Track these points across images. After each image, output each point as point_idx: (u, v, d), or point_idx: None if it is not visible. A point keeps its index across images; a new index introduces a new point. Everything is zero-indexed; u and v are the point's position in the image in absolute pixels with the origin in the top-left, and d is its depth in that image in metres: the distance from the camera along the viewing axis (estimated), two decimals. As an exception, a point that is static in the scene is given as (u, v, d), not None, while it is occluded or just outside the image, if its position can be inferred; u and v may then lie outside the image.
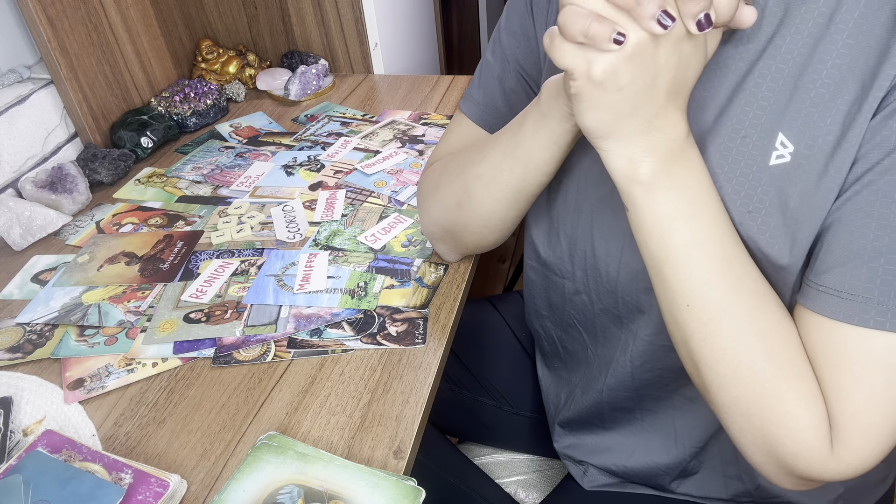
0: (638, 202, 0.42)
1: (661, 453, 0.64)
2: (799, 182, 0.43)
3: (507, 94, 0.62)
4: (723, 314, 0.42)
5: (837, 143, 0.41)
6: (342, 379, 0.61)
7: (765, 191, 0.44)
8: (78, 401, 0.61)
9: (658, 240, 0.43)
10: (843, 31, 0.41)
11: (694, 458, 0.62)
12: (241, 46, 1.27)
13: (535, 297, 0.70)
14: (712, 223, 0.42)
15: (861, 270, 0.40)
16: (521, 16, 0.59)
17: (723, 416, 0.45)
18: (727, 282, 0.42)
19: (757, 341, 0.42)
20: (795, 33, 0.43)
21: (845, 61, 0.41)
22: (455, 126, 0.66)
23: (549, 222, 0.61)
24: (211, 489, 0.53)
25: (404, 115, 1.09)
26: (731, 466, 0.61)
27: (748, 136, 0.44)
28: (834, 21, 0.41)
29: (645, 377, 0.59)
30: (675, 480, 0.65)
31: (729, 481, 0.62)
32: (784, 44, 0.43)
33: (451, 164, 0.61)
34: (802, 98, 0.42)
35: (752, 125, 0.44)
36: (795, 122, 0.43)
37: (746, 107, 0.45)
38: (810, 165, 0.42)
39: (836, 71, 0.41)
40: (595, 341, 0.63)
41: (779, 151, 0.43)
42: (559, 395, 0.73)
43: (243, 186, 0.93)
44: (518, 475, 0.83)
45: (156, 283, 0.75)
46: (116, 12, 1.04)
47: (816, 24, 0.42)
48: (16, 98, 0.92)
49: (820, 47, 0.42)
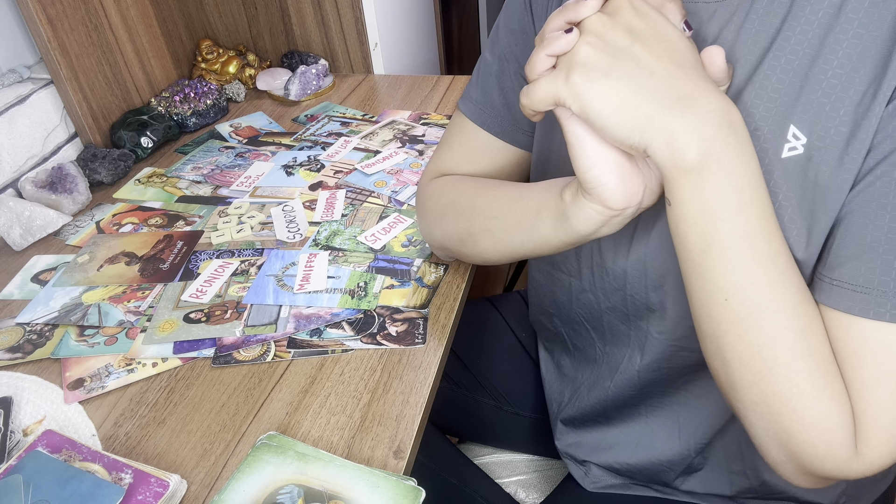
0: (685, 193, 0.40)
1: (666, 449, 0.63)
2: (813, 174, 0.42)
3: (505, 92, 0.62)
4: (764, 309, 0.40)
5: (851, 134, 0.41)
6: (342, 379, 0.61)
7: (777, 184, 0.44)
8: (78, 401, 0.61)
9: (702, 231, 0.40)
10: (854, 20, 0.41)
11: (699, 454, 0.62)
12: (241, 46, 1.27)
13: (540, 296, 0.70)
14: (760, 214, 0.40)
15: (876, 263, 0.40)
16: (519, 14, 0.59)
17: (748, 414, 0.44)
18: (770, 276, 0.40)
19: (797, 338, 0.41)
20: (805, 24, 0.42)
21: (856, 51, 0.41)
22: (454, 126, 0.66)
23: None
24: (211, 489, 0.53)
25: (404, 115, 1.09)
26: (736, 462, 0.61)
27: (759, 128, 0.44)
28: (844, 11, 0.41)
29: (651, 375, 0.59)
30: (679, 477, 0.65)
31: (734, 477, 0.62)
32: (793, 35, 0.43)
33: (459, 200, 0.60)
34: (814, 89, 0.42)
35: (762, 118, 0.44)
36: (807, 113, 0.42)
37: (757, 100, 0.44)
38: (823, 157, 0.42)
39: (846, 61, 0.41)
40: (603, 339, 0.63)
41: (791, 144, 0.43)
42: (563, 392, 0.73)
43: (243, 186, 0.93)
44: (518, 475, 0.83)
45: (156, 283, 0.75)
46: (116, 12, 1.04)
47: (826, 15, 0.42)
48: (16, 98, 0.92)
49: (830, 38, 0.41)
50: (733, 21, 0.45)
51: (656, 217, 0.50)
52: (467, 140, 0.65)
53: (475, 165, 0.65)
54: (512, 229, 0.54)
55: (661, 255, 0.51)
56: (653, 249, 0.52)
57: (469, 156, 0.65)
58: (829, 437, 0.40)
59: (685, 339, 0.54)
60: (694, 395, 0.58)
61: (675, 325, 0.54)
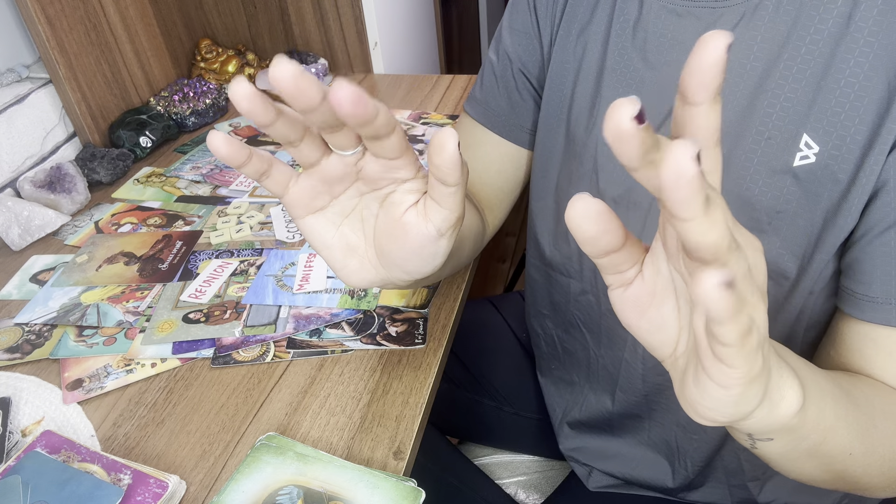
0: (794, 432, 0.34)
1: (666, 474, 0.64)
2: (828, 182, 0.43)
3: (509, 92, 0.62)
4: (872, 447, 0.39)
5: (869, 143, 0.41)
6: (342, 379, 0.61)
7: (790, 191, 0.44)
8: (77, 401, 0.61)
9: (816, 440, 0.36)
10: (864, 29, 0.41)
11: (698, 475, 0.63)
12: (241, 46, 1.27)
13: (536, 297, 0.69)
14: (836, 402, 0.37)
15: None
16: (523, 14, 0.59)
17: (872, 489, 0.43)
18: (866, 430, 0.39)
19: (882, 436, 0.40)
20: (815, 34, 0.43)
21: (868, 60, 0.41)
22: (460, 127, 0.66)
23: (556, 222, 0.61)
24: (210, 490, 0.52)
25: (404, 114, 1.09)
26: (737, 477, 0.61)
27: (772, 137, 0.44)
28: (853, 20, 0.41)
29: (656, 381, 0.58)
30: (680, 493, 0.66)
31: (734, 490, 0.62)
32: (804, 45, 0.43)
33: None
34: (827, 98, 0.42)
35: (776, 127, 0.44)
36: (821, 122, 0.43)
37: (769, 108, 0.44)
38: (840, 165, 0.42)
39: (859, 70, 0.41)
40: (598, 342, 0.63)
41: (803, 152, 0.43)
42: (564, 395, 0.73)
43: (242, 186, 0.92)
44: (518, 476, 0.83)
45: (155, 283, 0.74)
46: (115, 11, 1.04)
47: (836, 24, 0.42)
48: (14, 97, 0.92)
49: (841, 47, 0.42)
50: (740, 26, 0.45)
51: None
52: (477, 144, 0.65)
53: (484, 171, 0.65)
54: None
55: None
56: None
57: (478, 160, 0.65)
58: None
59: None
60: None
61: None
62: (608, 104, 0.54)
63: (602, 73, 0.53)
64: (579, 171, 0.56)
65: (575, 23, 0.55)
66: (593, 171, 0.55)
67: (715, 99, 0.23)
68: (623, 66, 0.52)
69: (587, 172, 0.55)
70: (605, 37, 0.53)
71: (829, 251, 0.45)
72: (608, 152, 0.43)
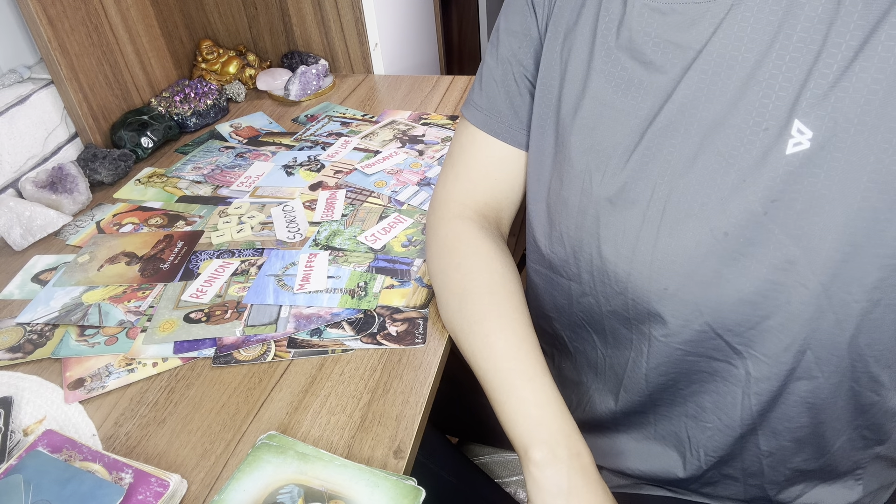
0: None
1: (676, 464, 0.63)
2: (824, 165, 0.42)
3: (510, 96, 0.61)
4: None
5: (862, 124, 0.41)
6: (342, 379, 0.61)
7: (785, 180, 0.44)
8: (78, 400, 0.61)
9: None
10: (853, 13, 0.41)
11: (712, 469, 0.61)
12: (242, 46, 1.27)
13: (540, 300, 0.69)
14: None
15: None
16: (521, 14, 0.59)
17: None
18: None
19: None
20: (805, 21, 0.42)
21: (858, 43, 0.41)
22: (460, 135, 0.66)
23: (550, 225, 0.60)
24: (211, 489, 0.53)
25: (404, 115, 1.09)
26: (755, 478, 0.60)
27: (769, 128, 0.44)
28: (843, 3, 0.41)
29: (659, 381, 0.57)
30: (692, 485, 0.65)
31: (749, 489, 0.61)
32: (795, 33, 0.43)
33: (465, 306, 0.60)
34: (819, 84, 0.42)
35: (772, 116, 0.44)
36: (813, 107, 0.42)
37: (765, 99, 0.44)
38: (836, 145, 0.42)
39: (850, 54, 0.41)
40: (605, 342, 0.62)
41: (795, 139, 0.43)
42: (569, 396, 0.73)
43: (243, 186, 0.93)
44: (518, 475, 0.83)
45: (156, 282, 0.75)
46: (116, 12, 1.04)
47: (826, 10, 0.42)
48: (16, 98, 0.92)
49: (832, 31, 0.41)
50: (727, 19, 0.45)
51: (660, 220, 0.50)
52: (479, 153, 0.64)
53: (488, 179, 0.65)
54: (487, 384, 0.55)
55: (664, 259, 0.51)
56: (659, 254, 0.51)
57: (481, 169, 0.65)
58: None
59: (691, 343, 0.53)
60: (702, 408, 0.57)
61: (680, 329, 0.53)
62: (596, 105, 0.54)
63: (589, 73, 0.53)
64: (570, 173, 0.55)
65: (562, 24, 0.55)
66: (585, 172, 0.54)
67: None
68: (610, 67, 0.52)
69: (578, 174, 0.55)
70: (592, 38, 0.53)
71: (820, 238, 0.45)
72: (599, 158, 0.43)
